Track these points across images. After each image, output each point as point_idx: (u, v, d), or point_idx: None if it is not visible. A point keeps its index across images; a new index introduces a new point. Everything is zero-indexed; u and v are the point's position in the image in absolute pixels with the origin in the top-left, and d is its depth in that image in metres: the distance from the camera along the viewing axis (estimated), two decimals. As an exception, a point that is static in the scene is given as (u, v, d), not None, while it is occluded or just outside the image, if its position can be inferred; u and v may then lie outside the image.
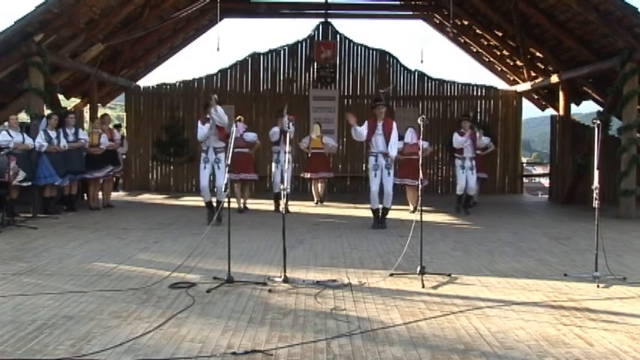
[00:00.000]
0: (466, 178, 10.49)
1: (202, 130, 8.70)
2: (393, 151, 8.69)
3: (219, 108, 8.52)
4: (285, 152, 10.11)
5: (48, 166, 9.61)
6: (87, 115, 13.95)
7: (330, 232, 8.39)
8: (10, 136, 9.25)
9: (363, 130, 8.62)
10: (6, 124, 9.50)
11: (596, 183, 5.63)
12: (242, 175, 10.65)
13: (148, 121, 15.80)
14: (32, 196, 9.71)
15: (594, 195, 5.63)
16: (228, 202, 5.40)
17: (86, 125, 13.22)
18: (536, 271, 5.96)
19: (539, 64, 14.43)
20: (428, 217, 9.62)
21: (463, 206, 10.61)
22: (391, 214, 10.23)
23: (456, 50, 17.32)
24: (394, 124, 8.78)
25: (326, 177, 12.39)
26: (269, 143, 11.50)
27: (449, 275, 5.64)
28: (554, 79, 13.21)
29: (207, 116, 8.68)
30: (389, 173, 8.67)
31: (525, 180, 18.24)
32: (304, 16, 16.38)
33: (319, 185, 12.31)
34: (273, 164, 10.78)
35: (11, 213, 8.77)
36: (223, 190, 5.49)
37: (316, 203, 12.18)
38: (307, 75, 15.88)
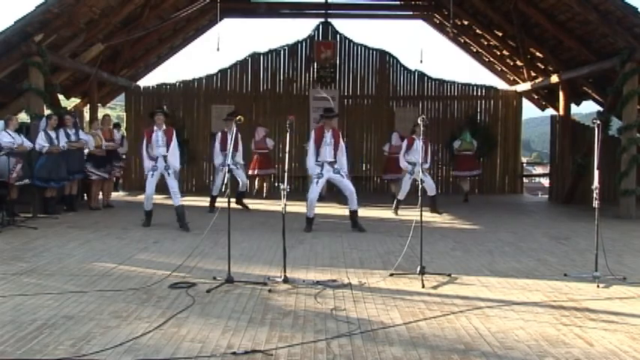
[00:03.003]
0: (411, 182, 10.35)
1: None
2: (344, 165, 8.65)
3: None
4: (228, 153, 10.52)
5: (46, 170, 9.58)
6: (87, 115, 13.95)
7: (330, 232, 8.39)
8: (12, 137, 9.24)
9: (312, 162, 8.58)
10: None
11: (596, 183, 5.63)
12: (263, 170, 13.07)
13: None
14: (32, 196, 9.71)
15: (594, 195, 5.63)
16: (228, 202, 5.40)
17: (86, 125, 13.23)
18: (536, 271, 5.96)
19: (539, 64, 14.43)
20: (428, 217, 9.62)
21: (431, 208, 10.47)
22: (390, 214, 10.24)
23: (456, 50, 17.33)
24: (340, 134, 8.72)
25: None
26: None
27: (449, 275, 5.64)
28: (554, 79, 13.20)
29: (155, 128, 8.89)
30: (342, 176, 8.58)
31: (525, 180, 18.23)
32: (304, 16, 16.37)
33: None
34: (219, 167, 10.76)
35: (11, 213, 8.77)
36: (223, 189, 5.48)
37: (319, 199, 12.69)
38: (307, 75, 15.87)
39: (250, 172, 12.59)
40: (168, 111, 9.14)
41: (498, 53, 15.59)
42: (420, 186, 5.92)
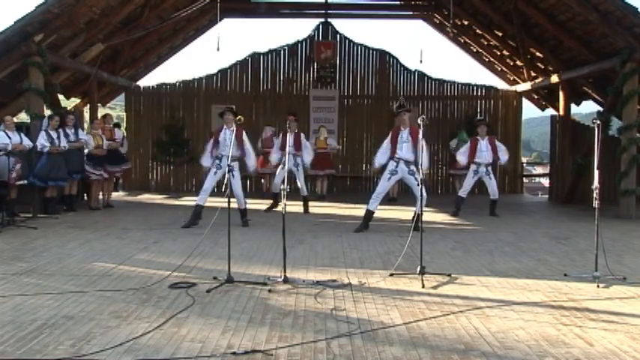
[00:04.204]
0: (474, 184, 10.66)
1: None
2: (426, 164, 8.51)
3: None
4: (289, 154, 10.50)
5: (46, 169, 9.58)
6: (87, 115, 13.96)
7: (330, 232, 8.39)
8: (8, 137, 9.22)
9: (382, 156, 8.56)
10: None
11: (596, 183, 5.63)
12: (269, 169, 12.71)
13: (148, 121, 15.80)
14: (32, 196, 9.71)
15: (594, 195, 5.63)
16: (228, 202, 5.40)
17: (86, 125, 13.24)
18: (536, 271, 5.96)
19: (539, 64, 14.43)
20: (428, 217, 9.62)
21: (491, 212, 10.60)
22: (390, 214, 10.25)
23: (456, 50, 17.34)
24: (420, 133, 8.56)
25: (330, 173, 13.74)
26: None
27: (449, 275, 5.64)
28: (554, 79, 13.21)
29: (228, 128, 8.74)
30: (416, 178, 8.29)
31: (525, 180, 18.22)
32: (304, 16, 16.38)
33: (324, 182, 13.57)
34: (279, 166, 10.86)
35: (11, 213, 8.77)
36: (223, 189, 5.49)
37: (319, 197, 13.06)
38: (307, 75, 15.88)
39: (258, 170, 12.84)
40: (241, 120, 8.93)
41: (498, 53, 15.59)
42: (421, 186, 5.91)
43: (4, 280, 5.34)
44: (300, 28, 22.71)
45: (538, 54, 13.83)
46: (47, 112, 10.44)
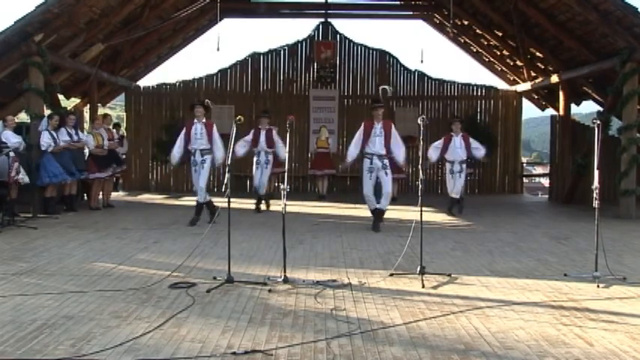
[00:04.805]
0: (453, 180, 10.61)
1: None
2: (401, 156, 8.51)
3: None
4: (264, 152, 10.49)
5: (56, 165, 9.65)
6: (87, 115, 13.96)
7: (330, 232, 8.39)
8: (23, 138, 9.30)
9: (354, 148, 8.55)
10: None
11: (596, 183, 5.63)
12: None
13: (148, 121, 15.79)
14: (32, 196, 9.71)
15: (594, 195, 5.63)
16: (228, 202, 5.40)
17: (86, 125, 13.24)
18: (536, 271, 5.96)
19: (539, 64, 14.43)
20: (428, 217, 9.62)
21: (449, 208, 10.63)
22: (391, 214, 10.23)
23: (456, 50, 17.33)
24: (393, 125, 8.68)
25: (330, 173, 13.81)
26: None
27: (449, 275, 5.64)
28: (554, 79, 13.21)
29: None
30: (386, 173, 8.43)
31: (525, 180, 18.23)
32: (304, 16, 16.38)
33: (324, 182, 13.69)
34: (254, 165, 10.81)
35: (11, 213, 8.77)
36: (223, 189, 5.49)
37: (319, 197, 13.17)
38: (307, 75, 15.88)
39: None
40: (209, 104, 9.24)
41: (498, 53, 15.59)
42: (421, 185, 5.90)
43: (4, 280, 5.34)
44: (300, 28, 22.75)
45: (538, 54, 13.83)
46: (47, 112, 10.45)
